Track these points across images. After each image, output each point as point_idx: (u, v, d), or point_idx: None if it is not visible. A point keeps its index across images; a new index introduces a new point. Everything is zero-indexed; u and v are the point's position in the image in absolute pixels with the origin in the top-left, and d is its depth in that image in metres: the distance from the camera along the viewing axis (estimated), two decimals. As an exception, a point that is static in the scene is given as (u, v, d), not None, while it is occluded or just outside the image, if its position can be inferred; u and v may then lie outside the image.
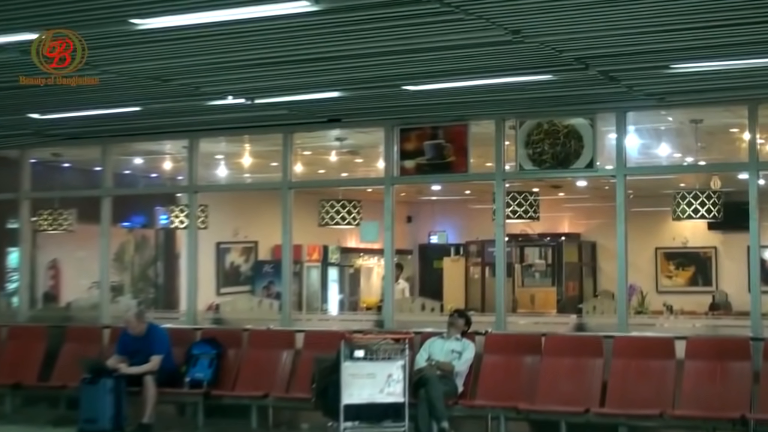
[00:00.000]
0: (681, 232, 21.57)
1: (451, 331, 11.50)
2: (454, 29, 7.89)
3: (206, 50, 8.61)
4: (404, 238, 22.75)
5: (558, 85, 10.29)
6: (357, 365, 10.55)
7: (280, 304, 13.46)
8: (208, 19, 7.49)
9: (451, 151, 12.25)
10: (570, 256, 22.33)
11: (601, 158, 11.81)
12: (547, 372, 11.17)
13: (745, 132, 11.31)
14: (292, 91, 10.66)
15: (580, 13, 7.50)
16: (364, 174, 17.06)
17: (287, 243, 13.20)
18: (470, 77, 9.90)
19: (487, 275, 21.16)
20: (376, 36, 8.15)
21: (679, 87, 10.47)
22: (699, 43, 8.44)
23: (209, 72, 9.56)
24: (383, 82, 10.13)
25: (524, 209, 13.53)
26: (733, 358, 10.60)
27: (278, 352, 12.41)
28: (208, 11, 7.33)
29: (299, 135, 13.39)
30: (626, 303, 11.78)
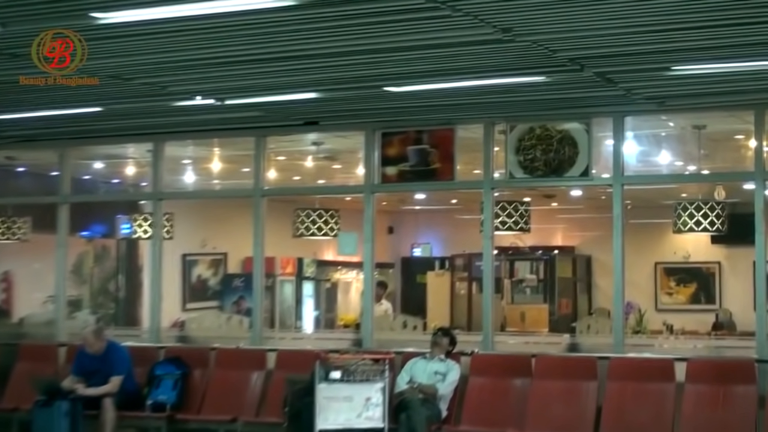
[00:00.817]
0: (682, 245, 21.64)
1: (434, 351, 11.51)
2: (440, 26, 7.91)
3: (173, 47, 8.61)
4: (385, 250, 22.78)
5: (551, 88, 10.32)
6: (333, 387, 10.55)
7: (251, 321, 13.45)
8: (176, 13, 7.50)
9: (437, 157, 12.27)
10: (563, 271, 22.37)
11: (597, 166, 11.85)
12: (538, 396, 11.19)
13: (751, 139, 11.36)
14: (265, 92, 10.67)
15: (575, 11, 7.53)
16: (343, 181, 17.07)
17: (259, 255, 13.19)
18: (457, 78, 9.92)
19: (474, 291, 21.19)
20: (357, 33, 8.17)
21: (680, 90, 10.52)
22: (702, 43, 8.49)
23: (176, 70, 9.56)
24: (364, 82, 10.15)
25: (514, 220, 13.56)
26: (737, 382, 10.65)
27: (248, 373, 12.40)
28: (175, 5, 7.34)
29: (273, 139, 13.39)
30: (623, 322, 11.81)
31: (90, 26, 7.85)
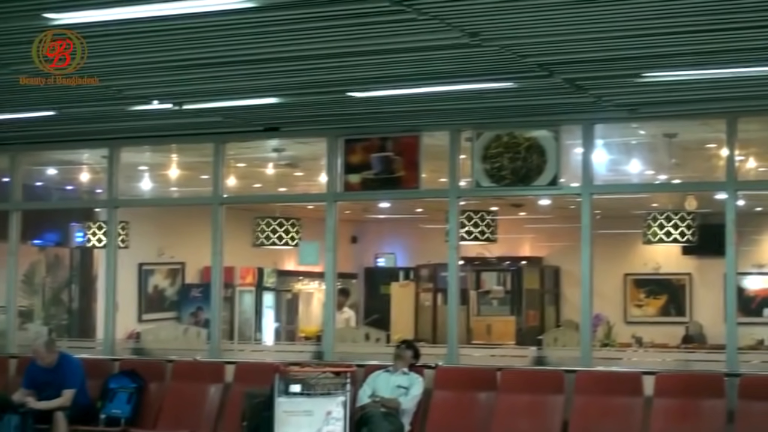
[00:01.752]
0: (653, 256, 21.73)
1: (397, 364, 11.49)
2: (405, 30, 7.92)
3: (129, 49, 8.57)
4: (348, 260, 22.74)
5: (519, 94, 10.34)
6: (293, 401, 10.53)
7: (209, 333, 13.40)
8: (132, 14, 7.46)
9: (401, 165, 12.26)
10: (531, 283, 22.42)
11: (566, 175, 11.88)
12: (503, 410, 11.19)
13: (722, 148, 11.42)
14: (224, 96, 10.64)
15: (544, 15, 7.56)
16: (305, 189, 17.04)
17: (217, 265, 13.14)
18: (423, 83, 9.92)
19: (439, 302, 21.20)
20: (320, 36, 8.16)
21: (651, 98, 10.57)
22: (673, 50, 8.54)
23: (132, 74, 9.52)
24: (326, 87, 10.14)
25: (480, 230, 13.63)
26: (706, 396, 10.69)
27: (205, 386, 12.33)
28: (131, 6, 7.31)
29: (232, 145, 13.35)
30: (591, 334, 11.84)
31: (43, 27, 7.81)
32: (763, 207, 19.53)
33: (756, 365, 12.02)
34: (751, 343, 17.58)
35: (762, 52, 8.55)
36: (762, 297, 21.41)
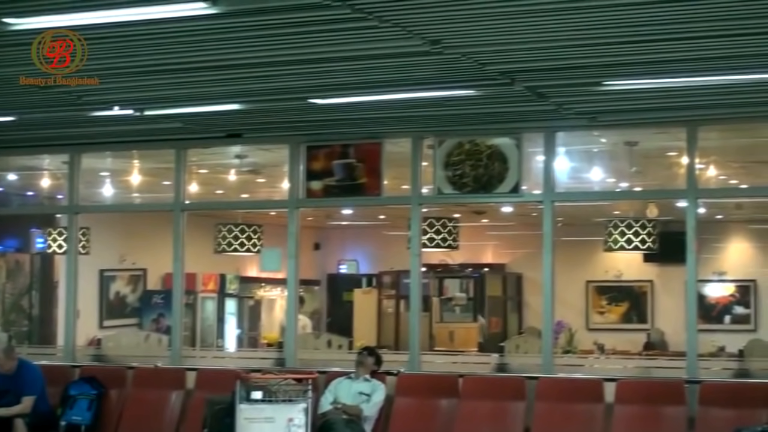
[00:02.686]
0: (614, 264, 21.84)
1: (359, 371, 11.51)
2: (367, 38, 7.93)
3: (90, 54, 8.51)
4: (311, 267, 22.73)
5: (481, 102, 10.38)
6: (254, 408, 10.49)
7: (170, 339, 13.37)
8: (92, 20, 7.44)
9: (363, 172, 12.27)
10: (493, 289, 22.48)
11: (528, 182, 11.92)
12: (465, 416, 11.22)
13: (683, 156, 11.49)
14: (186, 103, 10.62)
15: (505, 23, 7.58)
16: (267, 196, 17.02)
17: (179, 271, 13.12)
18: (385, 91, 9.95)
19: (401, 309, 21.22)
20: (281, 43, 8.16)
21: (612, 106, 10.63)
22: (634, 58, 8.59)
23: (93, 79, 9.50)
24: (288, 94, 10.14)
25: (442, 237, 13.62)
26: (667, 403, 10.75)
27: (166, 393, 12.31)
28: (91, 12, 7.28)
29: (194, 151, 13.33)
30: (553, 341, 11.88)
31: (2, 32, 7.77)
32: (723, 215, 19.68)
33: (716, 372, 12.10)
34: (712, 350, 17.69)
35: (720, 61, 8.63)
36: (723, 304, 21.57)
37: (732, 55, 8.42)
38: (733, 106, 10.57)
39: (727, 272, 21.50)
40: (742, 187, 15.66)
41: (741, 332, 19.95)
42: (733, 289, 21.66)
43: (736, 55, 8.41)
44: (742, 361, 14.50)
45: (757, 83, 9.49)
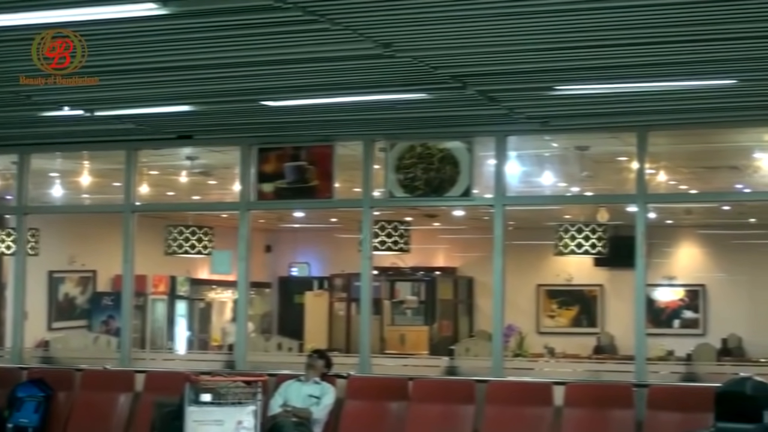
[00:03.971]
0: (565, 268, 21.91)
1: (309, 374, 11.49)
2: (318, 40, 7.93)
3: (38, 55, 8.51)
4: (262, 269, 22.68)
5: (433, 105, 10.40)
6: (203, 410, 10.46)
7: (119, 341, 13.30)
8: (40, 20, 7.40)
9: (315, 175, 12.26)
10: (445, 293, 22.52)
11: (479, 186, 11.95)
12: (415, 419, 11.24)
13: (633, 161, 11.56)
14: (136, 104, 10.58)
15: (457, 27, 7.61)
16: (218, 198, 16.97)
17: (128, 273, 13.06)
18: (336, 93, 9.94)
19: (353, 312, 21.21)
20: (232, 45, 8.15)
21: (563, 110, 10.69)
22: (585, 63, 8.64)
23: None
24: (239, 96, 10.12)
25: (394, 240, 13.66)
26: (615, 406, 10.81)
27: (115, 396, 12.26)
28: (40, 11, 7.24)
29: (145, 152, 13.28)
30: (503, 345, 11.92)
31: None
32: (673, 220, 19.82)
33: (664, 376, 12.19)
34: (661, 354, 17.82)
35: (670, 67, 8.69)
36: (672, 308, 21.72)
37: (682, 61, 8.48)
38: (683, 112, 10.67)
39: (676, 277, 21.66)
40: (691, 192, 15.77)
41: (690, 336, 20.13)
42: (683, 294, 21.82)
43: (686, 61, 8.48)
44: (690, 365, 14.63)
45: (706, 89, 9.58)
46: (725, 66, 8.66)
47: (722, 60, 8.44)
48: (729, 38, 7.80)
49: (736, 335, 20.04)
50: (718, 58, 8.37)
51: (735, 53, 8.24)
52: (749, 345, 19.92)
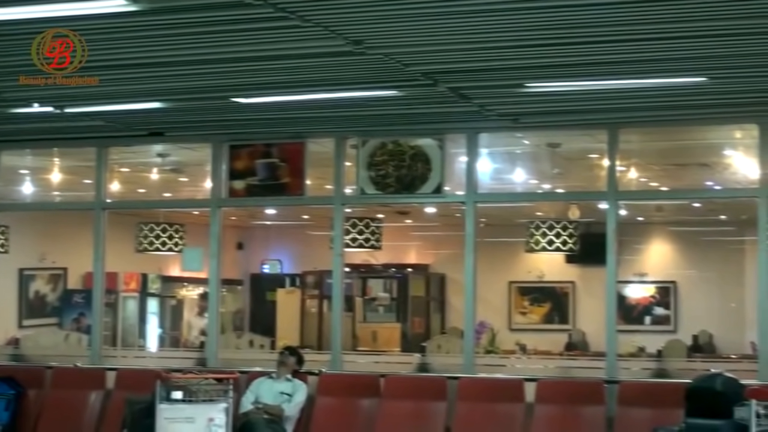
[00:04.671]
0: (537, 265, 21.93)
1: (281, 371, 11.49)
2: (289, 37, 7.93)
3: (9, 50, 8.47)
4: (234, 266, 22.61)
5: (404, 102, 10.41)
6: (174, 408, 10.44)
7: (90, 339, 13.26)
8: (11, 16, 7.38)
9: (286, 172, 12.26)
10: (417, 290, 22.49)
11: (450, 183, 11.97)
12: (386, 416, 11.26)
13: (604, 158, 11.60)
14: (107, 101, 10.55)
15: (428, 24, 7.62)
16: (190, 195, 16.90)
17: (99, 270, 13.03)
18: (307, 90, 9.96)
19: (325, 309, 21.15)
20: (203, 42, 8.14)
21: (534, 108, 10.72)
22: (555, 61, 8.67)
23: (11, 75, 9.39)
24: (210, 93, 10.11)
25: (365, 237, 13.64)
26: (586, 402, 10.87)
27: (86, 393, 12.24)
28: (13, 7, 7.22)
29: (116, 149, 13.25)
30: (474, 341, 11.94)
31: None
32: (644, 217, 19.87)
33: (636, 372, 12.22)
34: (632, 350, 17.84)
35: (641, 64, 8.73)
36: (643, 305, 21.77)
37: (653, 58, 8.52)
38: (654, 109, 10.72)
39: (647, 274, 21.70)
40: (662, 189, 15.82)
41: (661, 333, 20.16)
42: (654, 291, 21.87)
43: (657, 58, 8.52)
44: (661, 362, 14.68)
45: (677, 87, 9.63)
46: (696, 63, 8.71)
47: (693, 57, 8.49)
48: (699, 36, 7.84)
49: (707, 332, 20.10)
50: (688, 55, 8.42)
51: (705, 51, 8.29)
52: (720, 341, 19.99)
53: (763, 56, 8.41)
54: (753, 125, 10.95)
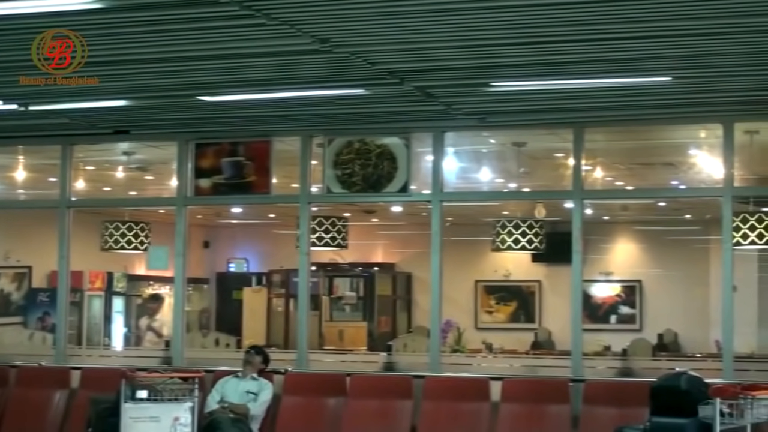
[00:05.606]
0: (503, 264, 21.98)
1: (246, 370, 11.46)
2: (255, 35, 7.93)
3: (-28, 48, 8.45)
4: (200, 265, 22.58)
5: (370, 101, 10.42)
6: (139, 407, 10.39)
7: (55, 338, 13.21)
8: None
9: (252, 170, 12.25)
10: (383, 289, 22.50)
11: (417, 182, 11.98)
12: (352, 415, 11.26)
13: (570, 157, 11.64)
14: (72, 98, 10.51)
15: (394, 23, 7.64)
16: (155, 193, 16.87)
17: (64, 269, 12.98)
18: (274, 89, 9.95)
19: (291, 308, 21.07)
20: (168, 39, 8.13)
21: (500, 107, 10.75)
22: (521, 60, 8.71)
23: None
24: (176, 91, 10.09)
25: (331, 236, 13.65)
26: (551, 401, 10.90)
27: (50, 392, 12.19)
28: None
29: (81, 147, 13.20)
30: (441, 340, 11.96)
31: None
32: (610, 216, 19.96)
33: (601, 371, 12.28)
34: (597, 349, 17.91)
35: (606, 64, 8.77)
36: (609, 304, 21.85)
37: (618, 58, 8.57)
38: (619, 109, 10.77)
39: (613, 272, 21.79)
40: (627, 188, 15.91)
41: (626, 332, 20.24)
42: (619, 290, 21.96)
43: (622, 58, 8.57)
44: (626, 360, 14.74)
45: (642, 86, 9.68)
46: (660, 63, 8.77)
47: (657, 57, 8.55)
48: (664, 36, 7.89)
49: (672, 330, 20.21)
50: (653, 55, 8.47)
51: (670, 51, 8.34)
52: (684, 340, 20.11)
53: (726, 56, 8.47)
54: (717, 125, 11.01)
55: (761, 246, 13.53)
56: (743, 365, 11.56)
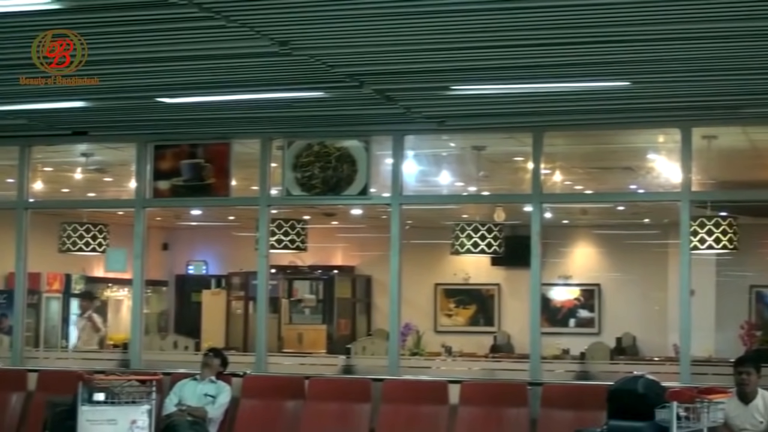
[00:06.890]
0: (463, 267, 21.98)
1: (205, 373, 11.43)
2: (214, 37, 7.92)
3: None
4: (159, 267, 22.49)
5: (330, 104, 10.42)
6: (96, 410, 10.33)
7: (11, 340, 13.13)
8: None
9: (211, 172, 12.22)
10: (343, 291, 22.49)
11: (376, 185, 12.00)
12: (311, 418, 11.26)
13: (529, 161, 11.68)
14: (29, 99, 10.43)
15: (353, 26, 7.65)
16: (115, 195, 16.78)
17: (21, 271, 12.92)
18: (233, 91, 9.94)
19: (250, 310, 21.04)
20: (126, 41, 8.10)
21: (460, 110, 10.78)
22: (480, 64, 8.73)
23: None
24: (135, 92, 10.06)
25: (291, 239, 13.63)
26: (510, 404, 10.94)
27: (6, 395, 12.14)
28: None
29: (39, 149, 13.15)
30: (400, 343, 11.97)
31: None
32: (569, 220, 20.03)
33: (559, 374, 12.32)
34: (556, 352, 17.97)
35: (565, 68, 8.81)
36: (568, 308, 21.92)
37: (576, 62, 8.61)
38: (578, 113, 10.82)
39: (572, 276, 21.87)
40: (586, 192, 15.96)
41: (585, 335, 20.33)
42: (578, 293, 22.03)
43: (581, 62, 8.61)
44: (584, 364, 14.81)
45: (601, 91, 9.73)
46: (619, 68, 8.81)
47: (616, 62, 8.59)
48: (622, 40, 7.93)
49: (630, 334, 20.29)
50: (611, 59, 8.51)
51: (628, 55, 8.39)
52: (642, 344, 20.20)
53: (685, 61, 8.53)
54: (675, 129, 11.08)
55: (718, 250, 13.66)
56: (701, 369, 11.63)
